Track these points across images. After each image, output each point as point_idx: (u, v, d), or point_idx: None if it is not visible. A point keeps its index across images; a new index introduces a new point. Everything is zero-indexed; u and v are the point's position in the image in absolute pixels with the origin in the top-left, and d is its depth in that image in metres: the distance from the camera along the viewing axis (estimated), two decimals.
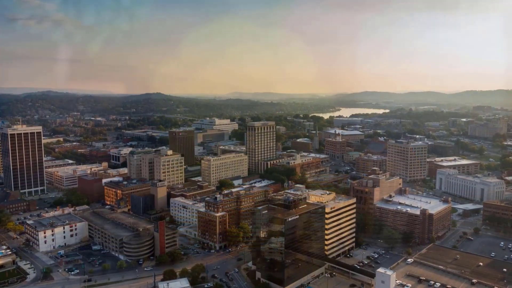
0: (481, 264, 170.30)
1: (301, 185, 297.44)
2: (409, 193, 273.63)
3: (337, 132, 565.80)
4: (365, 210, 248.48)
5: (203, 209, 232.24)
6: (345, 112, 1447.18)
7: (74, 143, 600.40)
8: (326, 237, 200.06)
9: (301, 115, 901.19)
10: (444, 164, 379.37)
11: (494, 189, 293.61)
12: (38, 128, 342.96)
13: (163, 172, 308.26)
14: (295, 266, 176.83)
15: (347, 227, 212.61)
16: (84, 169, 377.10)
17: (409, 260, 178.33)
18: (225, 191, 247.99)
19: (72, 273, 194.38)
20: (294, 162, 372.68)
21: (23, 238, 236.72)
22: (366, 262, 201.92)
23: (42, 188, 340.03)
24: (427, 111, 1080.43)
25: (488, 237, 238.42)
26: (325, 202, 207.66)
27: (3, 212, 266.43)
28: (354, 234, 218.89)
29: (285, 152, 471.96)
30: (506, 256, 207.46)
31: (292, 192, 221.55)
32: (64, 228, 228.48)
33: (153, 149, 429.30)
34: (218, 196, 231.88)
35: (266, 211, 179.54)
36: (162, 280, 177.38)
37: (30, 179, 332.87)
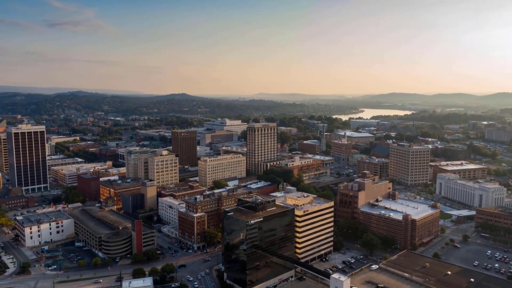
0: (449, 273, 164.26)
1: (292, 187, 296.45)
2: (400, 198, 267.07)
3: (346, 134, 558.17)
4: (349, 214, 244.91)
5: (183, 209, 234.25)
6: (368, 114, 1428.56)
7: (89, 142, 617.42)
8: (299, 240, 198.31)
9: (316, 116, 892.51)
10: (449, 168, 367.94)
11: (492, 195, 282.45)
12: (41, 128, 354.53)
13: (157, 172, 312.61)
14: (260, 269, 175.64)
15: (323, 231, 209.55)
16: (88, 167, 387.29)
17: (373, 266, 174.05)
18: (207, 192, 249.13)
19: (49, 268, 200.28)
20: (292, 164, 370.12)
21: (13, 233, 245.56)
22: (340, 267, 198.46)
23: (45, 185, 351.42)
24: (450, 114, 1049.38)
25: (476, 245, 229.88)
26: (300, 205, 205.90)
27: (0, 207, 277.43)
28: (331, 238, 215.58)
29: (289, 153, 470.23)
30: (489, 266, 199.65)
31: (282, 194, 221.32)
32: (50, 225, 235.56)
33: (154, 149, 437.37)
34: (198, 196, 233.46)
35: (232, 213, 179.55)
36: (133, 278, 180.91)
37: (34, 177, 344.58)
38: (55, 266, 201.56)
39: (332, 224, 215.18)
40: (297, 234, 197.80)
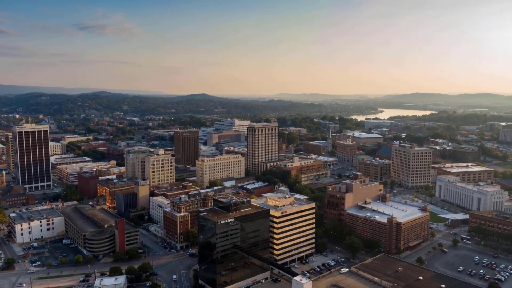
0: (421, 278, 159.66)
1: (285, 188, 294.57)
2: (392, 200, 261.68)
3: (354, 135, 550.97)
4: (336, 215, 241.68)
5: (168, 209, 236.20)
6: (387, 114, 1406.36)
7: (101, 142, 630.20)
8: (276, 241, 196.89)
9: (329, 117, 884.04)
10: (453, 170, 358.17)
11: (491, 198, 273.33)
12: (44, 127, 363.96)
13: (152, 171, 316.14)
14: (233, 269, 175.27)
15: (304, 232, 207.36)
16: (92, 166, 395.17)
17: (343, 269, 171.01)
18: (193, 192, 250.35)
19: (33, 264, 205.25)
20: (291, 165, 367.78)
21: (8, 230, 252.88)
22: (318, 270, 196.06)
23: (48, 183, 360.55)
24: (469, 114, 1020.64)
25: (466, 249, 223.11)
26: (280, 206, 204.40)
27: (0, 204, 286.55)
28: (313, 240, 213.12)
29: (294, 154, 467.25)
30: (473, 272, 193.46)
31: (273, 195, 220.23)
32: (41, 222, 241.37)
33: (161, 149, 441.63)
34: (182, 196, 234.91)
35: (205, 213, 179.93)
36: (109, 276, 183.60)
37: (37, 175, 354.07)
38: (39, 263, 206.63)
39: (313, 225, 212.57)
40: (275, 236, 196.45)
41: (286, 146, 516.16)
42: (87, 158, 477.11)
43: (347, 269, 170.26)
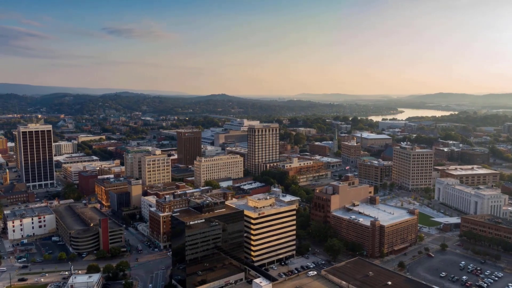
0: (389, 283, 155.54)
1: (277, 189, 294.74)
2: (382, 203, 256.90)
3: (362, 136, 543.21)
4: (321, 217, 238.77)
5: (154, 209, 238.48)
6: (407, 114, 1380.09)
7: (112, 141, 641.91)
8: (253, 243, 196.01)
9: (341, 117, 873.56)
10: (456, 172, 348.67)
11: (488, 202, 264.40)
12: (48, 127, 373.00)
13: (148, 171, 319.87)
14: (205, 270, 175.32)
15: (283, 234, 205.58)
16: (96, 165, 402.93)
17: (310, 273, 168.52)
18: (179, 192, 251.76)
19: (19, 260, 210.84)
20: (290, 166, 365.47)
21: (2, 226, 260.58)
22: (296, 272, 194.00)
23: (51, 181, 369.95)
24: (490, 115, 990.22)
25: (453, 254, 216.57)
26: (260, 207, 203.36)
27: None
28: (294, 242, 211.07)
29: (298, 155, 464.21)
30: (456, 277, 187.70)
31: (256, 196, 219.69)
32: (32, 219, 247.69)
33: (169, 149, 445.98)
34: (167, 196, 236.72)
35: (178, 214, 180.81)
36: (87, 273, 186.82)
37: (40, 173, 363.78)
38: (25, 259, 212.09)
39: (294, 227, 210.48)
40: (252, 237, 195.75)
41: (292, 147, 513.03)
42: (94, 157, 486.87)
43: (315, 272, 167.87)
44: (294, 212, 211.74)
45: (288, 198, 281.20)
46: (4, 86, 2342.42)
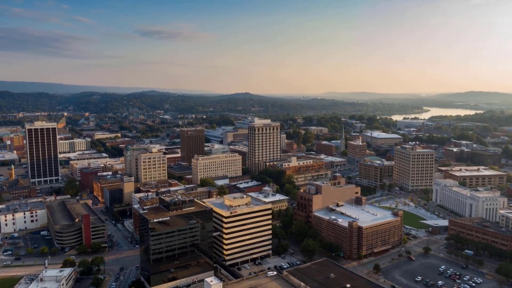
0: (348, 286, 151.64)
1: (268, 188, 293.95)
2: (368, 204, 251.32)
3: (372, 135, 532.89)
4: (303, 217, 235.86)
5: (137, 205, 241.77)
6: (432, 113, 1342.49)
7: (126, 139, 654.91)
8: (225, 241, 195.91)
9: (357, 116, 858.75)
10: (459, 174, 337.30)
11: (483, 205, 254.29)
12: (53, 124, 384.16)
13: (144, 168, 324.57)
14: (170, 267, 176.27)
15: (258, 233, 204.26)
16: (100, 162, 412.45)
17: (269, 273, 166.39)
18: (163, 190, 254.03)
19: (5, 253, 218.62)
20: (288, 165, 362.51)
21: None
22: (275, 272, 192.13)
23: (56, 177, 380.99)
24: None
25: (436, 258, 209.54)
26: (234, 206, 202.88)
27: (0, 196, 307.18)
28: (269, 242, 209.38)
29: (304, 154, 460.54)
30: (431, 282, 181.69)
31: (233, 195, 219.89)
32: (24, 214, 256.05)
33: (171, 147, 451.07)
34: (149, 194, 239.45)
35: (146, 211, 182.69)
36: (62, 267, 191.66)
37: (46, 169, 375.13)
38: (11, 252, 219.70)
39: (270, 227, 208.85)
40: (224, 235, 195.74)
41: (298, 146, 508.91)
42: (104, 155, 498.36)
43: (275, 273, 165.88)
44: (270, 212, 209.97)
45: (277, 197, 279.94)
46: (37, 85, 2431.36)
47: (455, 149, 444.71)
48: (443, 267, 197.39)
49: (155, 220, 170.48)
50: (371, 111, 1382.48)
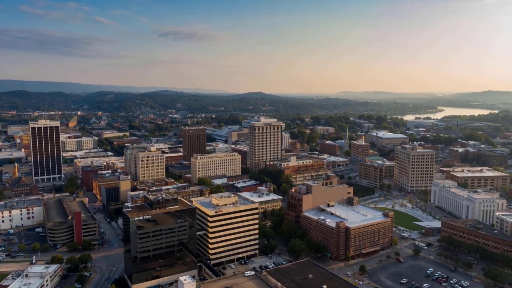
0: (324, 286, 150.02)
1: (263, 188, 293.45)
2: (361, 205, 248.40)
3: (377, 135, 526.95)
4: (293, 217, 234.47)
5: (129, 203, 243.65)
6: (446, 113, 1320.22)
7: (134, 138, 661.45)
8: (210, 240, 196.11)
9: (366, 116, 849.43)
10: (461, 175, 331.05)
11: (480, 207, 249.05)
12: (56, 123, 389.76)
13: (142, 167, 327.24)
14: (153, 266, 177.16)
15: (244, 233, 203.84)
16: (103, 161, 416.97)
17: (247, 272, 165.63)
18: (154, 188, 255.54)
19: None
20: (287, 164, 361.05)
21: None
22: (253, 272, 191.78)
23: (59, 175, 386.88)
24: None
25: (425, 260, 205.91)
26: (221, 205, 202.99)
27: (2, 193, 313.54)
28: (256, 241, 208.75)
29: (307, 154, 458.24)
30: (417, 284, 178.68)
31: (221, 194, 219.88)
32: (21, 211, 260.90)
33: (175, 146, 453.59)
34: (140, 192, 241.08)
35: (129, 209, 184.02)
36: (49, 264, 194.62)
37: (49, 168, 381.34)
38: (4, 248, 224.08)
39: (256, 226, 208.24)
40: (209, 234, 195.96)
41: (302, 145, 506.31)
42: (109, 153, 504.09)
43: (253, 272, 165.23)
44: (257, 212, 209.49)
45: (271, 197, 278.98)
46: (54, 85, 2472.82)
47: (460, 150, 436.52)
48: (431, 269, 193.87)
49: (136, 218, 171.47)
50: (384, 111, 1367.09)
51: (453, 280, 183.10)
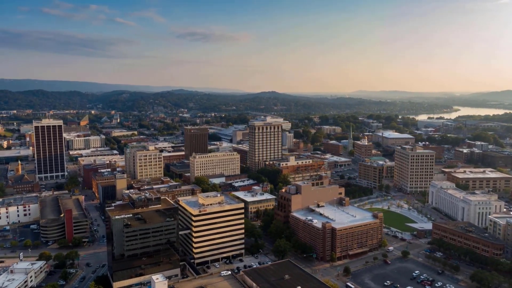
0: (299, 287, 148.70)
1: (257, 187, 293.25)
2: (352, 205, 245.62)
3: (383, 135, 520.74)
4: (282, 217, 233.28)
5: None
6: (462, 113, 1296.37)
7: (142, 136, 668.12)
8: (195, 239, 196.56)
9: (375, 115, 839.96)
10: (463, 176, 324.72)
11: (475, 209, 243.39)
12: (59, 122, 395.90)
13: (140, 166, 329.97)
14: (134, 263, 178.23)
15: (230, 232, 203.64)
16: (106, 159, 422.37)
17: (223, 272, 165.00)
18: (146, 187, 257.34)
19: None
20: (285, 164, 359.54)
21: None
22: (236, 271, 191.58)
23: (62, 173, 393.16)
24: None
25: (412, 262, 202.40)
26: (206, 204, 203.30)
27: (3, 191, 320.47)
28: (242, 241, 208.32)
29: (309, 153, 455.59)
30: (400, 287, 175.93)
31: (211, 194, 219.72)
32: (18, 208, 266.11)
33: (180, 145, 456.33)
34: (131, 191, 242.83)
35: (112, 208, 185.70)
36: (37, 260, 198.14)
37: (52, 166, 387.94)
38: None
39: (242, 226, 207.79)
40: (193, 233, 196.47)
41: (305, 145, 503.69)
42: (115, 152, 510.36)
43: (229, 272, 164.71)
44: (242, 211, 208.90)
45: (265, 196, 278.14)
46: (71, 84, 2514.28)
47: (465, 150, 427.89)
48: (417, 272, 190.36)
49: (116, 217, 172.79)
50: (398, 110, 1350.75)
51: (438, 283, 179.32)
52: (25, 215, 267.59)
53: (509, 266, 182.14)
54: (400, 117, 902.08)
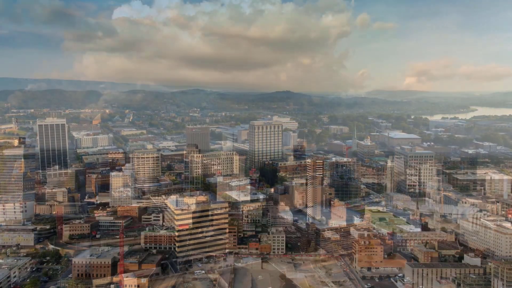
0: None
1: (250, 187, 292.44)
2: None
3: (389, 135, 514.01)
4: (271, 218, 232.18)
5: None
6: (479, 113, 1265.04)
7: (150, 135, 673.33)
8: (177, 238, 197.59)
9: (385, 115, 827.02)
10: (463, 177, 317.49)
11: (468, 211, 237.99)
12: (62, 120, 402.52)
13: (137, 165, 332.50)
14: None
15: (212, 232, 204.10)
16: (109, 158, 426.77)
17: (197, 272, 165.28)
18: (138, 186, 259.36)
19: None
20: (284, 164, 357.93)
21: None
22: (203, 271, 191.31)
23: (65, 171, 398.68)
24: None
25: None
26: (190, 204, 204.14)
27: (5, 188, 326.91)
28: (226, 240, 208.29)
29: (311, 154, 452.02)
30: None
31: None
32: (14, 205, 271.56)
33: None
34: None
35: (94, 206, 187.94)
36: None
37: (55, 163, 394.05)
38: None
39: (226, 225, 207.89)
40: (176, 232, 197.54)
41: (309, 145, 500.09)
42: (121, 150, 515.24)
43: (204, 271, 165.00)
44: (227, 211, 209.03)
45: (257, 196, 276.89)
46: (90, 83, 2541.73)
47: (470, 151, 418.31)
48: (400, 274, 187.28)
49: (97, 216, 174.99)
50: (413, 110, 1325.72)
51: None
52: (21, 212, 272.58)
53: None
54: (412, 117, 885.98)
